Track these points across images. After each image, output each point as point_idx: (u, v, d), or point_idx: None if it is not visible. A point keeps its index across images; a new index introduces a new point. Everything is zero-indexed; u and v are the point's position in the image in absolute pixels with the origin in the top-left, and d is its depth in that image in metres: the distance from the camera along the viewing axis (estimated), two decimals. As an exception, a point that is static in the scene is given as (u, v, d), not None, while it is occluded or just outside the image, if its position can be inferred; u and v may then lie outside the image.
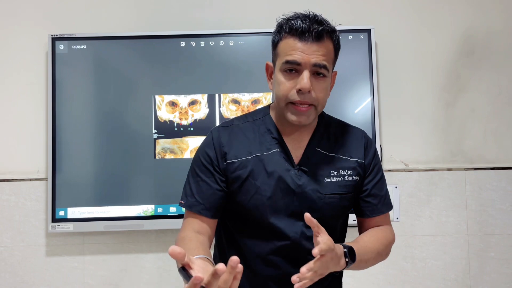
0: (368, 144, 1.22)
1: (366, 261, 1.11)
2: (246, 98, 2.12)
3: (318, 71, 1.08)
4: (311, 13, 1.09)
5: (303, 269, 0.92)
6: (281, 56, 1.10)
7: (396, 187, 2.14)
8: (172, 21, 2.20)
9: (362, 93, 2.12)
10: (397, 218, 2.14)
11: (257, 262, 1.15)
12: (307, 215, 0.94)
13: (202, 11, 2.21)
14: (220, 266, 0.72)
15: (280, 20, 1.12)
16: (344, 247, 1.04)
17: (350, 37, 2.13)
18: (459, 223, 2.15)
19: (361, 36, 2.13)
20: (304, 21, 1.06)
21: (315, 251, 0.92)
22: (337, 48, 1.13)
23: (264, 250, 1.14)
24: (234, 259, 0.73)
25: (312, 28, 1.06)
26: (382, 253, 1.17)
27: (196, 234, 1.11)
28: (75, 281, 2.11)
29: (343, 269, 1.05)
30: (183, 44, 2.13)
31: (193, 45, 2.13)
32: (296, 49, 1.06)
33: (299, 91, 1.07)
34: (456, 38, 2.21)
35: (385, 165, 2.16)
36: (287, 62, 1.07)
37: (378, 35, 2.16)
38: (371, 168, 1.20)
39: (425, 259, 2.14)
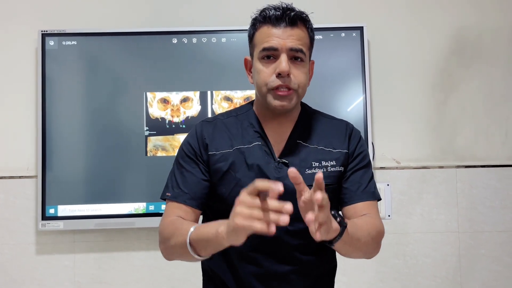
0: (352, 133, 1.21)
1: (358, 239, 1.04)
2: (238, 95, 2.11)
3: (295, 56, 1.11)
4: (283, 3, 1.13)
5: (310, 216, 0.84)
6: (258, 45, 1.13)
7: (388, 185, 2.15)
8: (164, 18, 2.18)
9: (355, 91, 2.12)
10: (389, 216, 2.15)
11: (239, 259, 1.15)
12: (291, 170, 0.85)
13: (194, 8, 2.19)
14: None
15: (253, 16, 1.16)
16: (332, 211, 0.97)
17: (343, 34, 2.13)
18: (450, 221, 2.17)
19: (354, 34, 2.13)
20: (277, 10, 1.11)
21: (318, 196, 0.83)
22: (311, 36, 1.16)
23: (245, 247, 1.13)
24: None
25: (285, 14, 1.10)
26: (374, 238, 1.10)
27: (182, 218, 1.12)
28: (66, 279, 2.10)
29: (337, 237, 0.95)
30: (175, 40, 2.12)
31: (185, 42, 2.12)
32: (272, 35, 1.10)
33: (278, 75, 1.09)
34: (448, 36, 2.22)
35: (377, 163, 2.16)
36: (264, 49, 1.10)
37: (371, 33, 2.17)
38: (354, 156, 1.19)
39: (416, 256, 2.16)
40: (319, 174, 0.84)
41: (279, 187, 0.81)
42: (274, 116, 1.16)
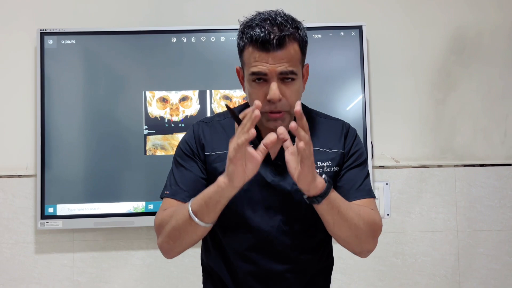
0: (348, 133, 1.21)
1: (346, 212, 1.04)
2: (237, 95, 2.12)
3: (286, 77, 1.07)
4: (270, 15, 1.06)
5: (293, 124, 0.93)
6: (247, 66, 1.10)
7: (386, 184, 2.15)
8: (163, 17, 2.18)
9: (354, 90, 2.12)
10: (388, 215, 2.15)
11: (236, 258, 1.15)
12: (280, 128, 0.96)
13: (193, 7, 2.19)
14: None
15: (241, 23, 1.11)
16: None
17: (342, 33, 2.13)
18: (449, 220, 2.17)
19: (353, 33, 2.13)
20: (263, 29, 1.04)
21: (297, 107, 0.94)
22: (303, 45, 1.11)
23: (242, 246, 1.15)
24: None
25: (272, 35, 1.03)
26: (366, 223, 1.09)
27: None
28: (65, 278, 2.10)
29: (322, 194, 0.99)
30: (174, 39, 2.12)
31: (184, 41, 2.12)
32: (260, 60, 1.05)
33: (269, 101, 1.07)
34: (447, 35, 2.22)
35: (376, 162, 2.16)
36: (253, 73, 1.07)
37: (370, 32, 2.17)
38: (349, 155, 1.19)
39: (415, 255, 2.16)
40: (298, 107, 0.93)
41: (255, 111, 0.92)
42: None
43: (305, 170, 0.95)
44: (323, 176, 1.01)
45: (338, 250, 1.29)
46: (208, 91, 2.11)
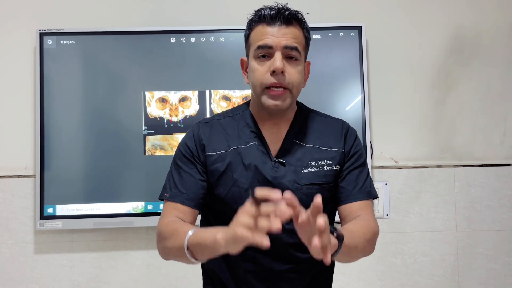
0: (348, 132, 1.22)
1: (355, 246, 1.02)
2: (237, 95, 2.12)
3: (290, 54, 1.11)
4: (279, 4, 1.14)
5: (316, 242, 0.82)
6: (253, 44, 1.14)
7: (386, 184, 2.15)
8: (163, 17, 2.18)
9: (353, 91, 2.12)
10: (387, 215, 2.15)
11: (237, 258, 1.15)
12: (286, 196, 0.83)
13: (193, 7, 2.19)
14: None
15: (249, 17, 1.17)
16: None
17: (341, 34, 2.13)
18: (448, 220, 2.17)
19: (352, 33, 2.13)
20: (272, 9, 1.12)
21: (320, 222, 0.81)
22: (307, 36, 1.16)
23: None
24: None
25: (280, 13, 1.11)
26: (369, 240, 1.10)
27: (180, 220, 1.12)
28: (64, 278, 2.10)
29: (336, 251, 0.94)
30: (173, 40, 2.12)
31: (184, 41, 2.12)
32: (267, 34, 1.11)
33: (273, 73, 1.10)
34: (446, 35, 2.22)
35: (375, 162, 2.17)
36: (259, 47, 1.11)
37: (369, 33, 2.17)
38: (350, 155, 1.20)
39: (414, 255, 2.16)
40: (318, 199, 0.82)
41: (276, 195, 0.82)
42: (270, 116, 1.17)
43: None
44: (334, 233, 0.94)
45: (337, 251, 1.29)
46: (207, 92, 2.11)
